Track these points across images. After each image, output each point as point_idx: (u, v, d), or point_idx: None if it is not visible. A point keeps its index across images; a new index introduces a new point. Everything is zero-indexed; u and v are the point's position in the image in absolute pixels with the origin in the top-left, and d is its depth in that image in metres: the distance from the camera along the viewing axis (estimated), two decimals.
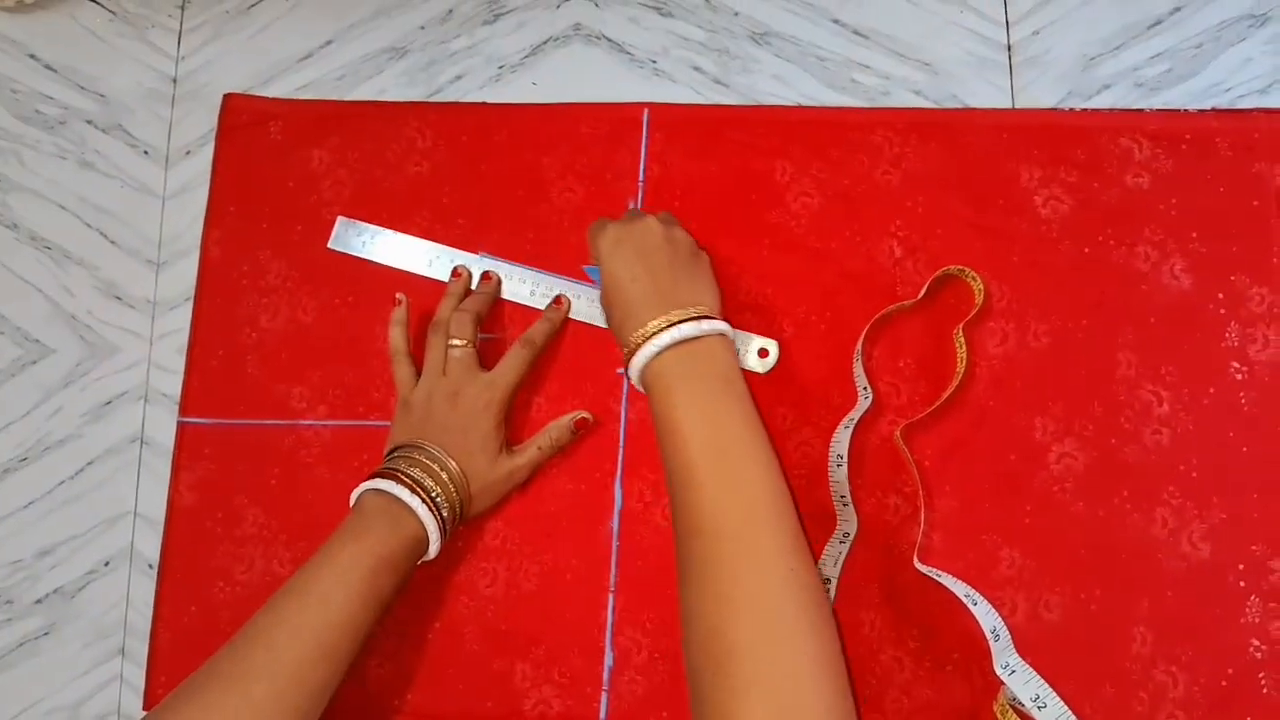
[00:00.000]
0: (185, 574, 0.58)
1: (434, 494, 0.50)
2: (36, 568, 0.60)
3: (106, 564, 0.60)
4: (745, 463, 0.47)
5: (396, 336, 0.57)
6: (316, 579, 0.47)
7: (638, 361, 0.49)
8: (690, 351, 0.49)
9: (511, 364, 0.55)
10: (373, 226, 0.60)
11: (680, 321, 0.49)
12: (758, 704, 0.40)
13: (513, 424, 0.57)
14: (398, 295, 0.58)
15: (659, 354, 0.49)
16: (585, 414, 0.56)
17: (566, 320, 0.58)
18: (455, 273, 0.59)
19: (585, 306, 0.58)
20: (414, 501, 0.50)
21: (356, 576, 0.47)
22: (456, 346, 0.55)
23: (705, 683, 0.42)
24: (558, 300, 0.58)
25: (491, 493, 0.54)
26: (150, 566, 0.59)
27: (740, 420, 0.48)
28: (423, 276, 0.60)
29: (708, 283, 0.54)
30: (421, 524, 0.50)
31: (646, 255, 0.52)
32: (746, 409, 0.49)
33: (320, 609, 0.46)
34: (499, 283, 0.59)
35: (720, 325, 0.50)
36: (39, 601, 0.59)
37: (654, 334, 0.49)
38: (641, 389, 0.51)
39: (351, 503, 0.51)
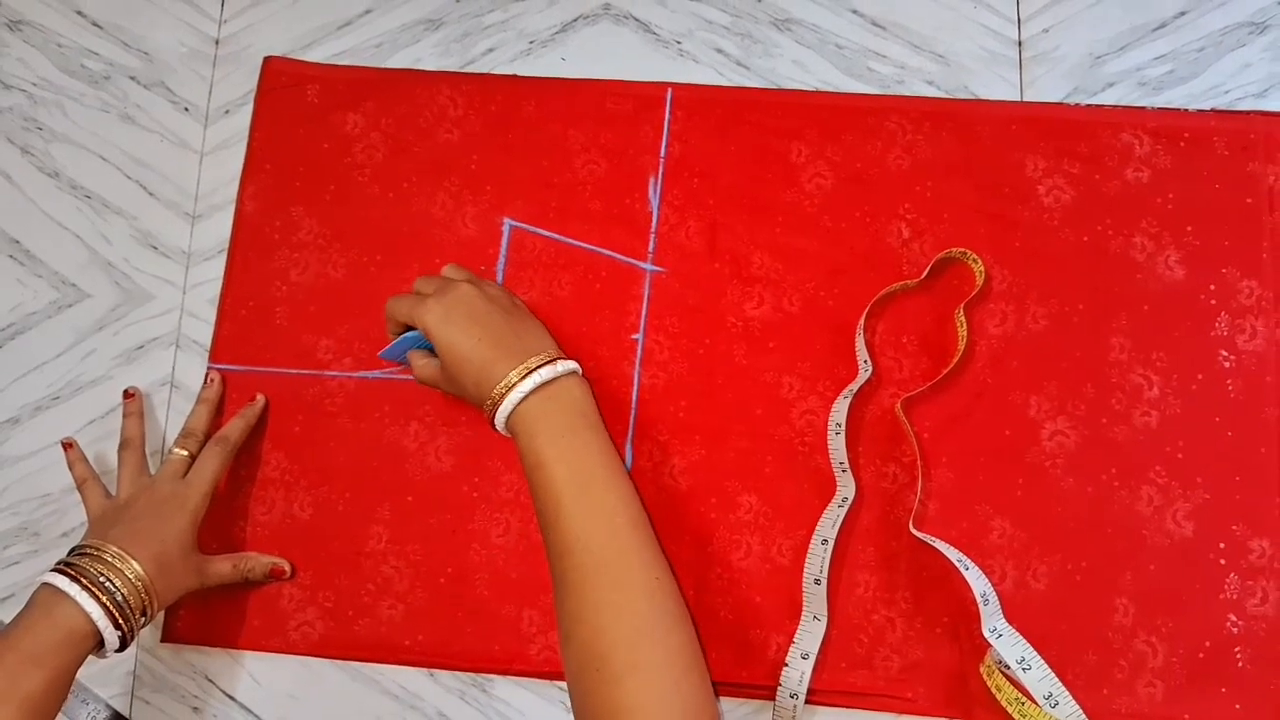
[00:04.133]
0: (209, 514, 0.60)
1: (107, 584, 0.50)
2: (64, 502, 0.62)
3: None
4: (606, 490, 0.51)
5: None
6: None
7: (504, 410, 0.52)
8: (549, 394, 0.52)
9: (207, 464, 0.57)
10: None
11: (537, 367, 0.52)
12: (636, 688, 0.46)
13: None
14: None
15: (523, 399, 0.51)
16: (285, 564, 0.58)
17: (262, 414, 0.61)
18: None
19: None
20: (75, 591, 0.49)
21: None
22: (175, 455, 0.58)
23: (588, 677, 0.47)
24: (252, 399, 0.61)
25: (176, 588, 0.54)
26: None
27: (599, 451, 0.52)
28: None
29: (540, 328, 0.56)
30: (89, 618, 0.49)
31: (479, 318, 0.54)
32: (603, 441, 0.53)
33: None
34: (219, 384, 0.61)
35: (571, 364, 0.54)
36: (65, 535, 0.61)
37: (516, 383, 0.51)
38: (508, 434, 0.53)
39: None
